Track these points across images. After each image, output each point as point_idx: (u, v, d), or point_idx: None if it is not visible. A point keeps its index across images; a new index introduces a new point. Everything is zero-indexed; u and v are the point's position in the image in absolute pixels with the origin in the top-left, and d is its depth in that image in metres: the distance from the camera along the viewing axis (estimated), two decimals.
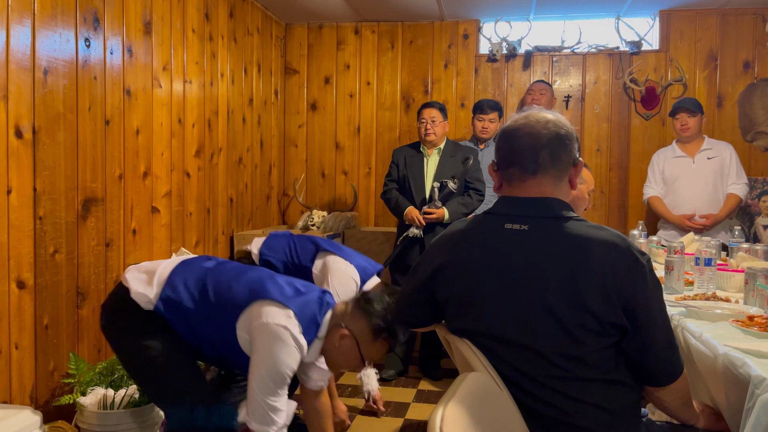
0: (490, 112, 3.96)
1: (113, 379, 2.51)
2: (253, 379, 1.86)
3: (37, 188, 2.36)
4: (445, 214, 3.62)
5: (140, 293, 2.00)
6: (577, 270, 1.32)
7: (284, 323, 1.86)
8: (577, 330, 1.31)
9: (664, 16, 4.55)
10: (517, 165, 1.42)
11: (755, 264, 2.48)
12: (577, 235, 1.35)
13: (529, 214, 1.40)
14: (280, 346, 1.84)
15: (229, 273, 2.06)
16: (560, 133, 1.41)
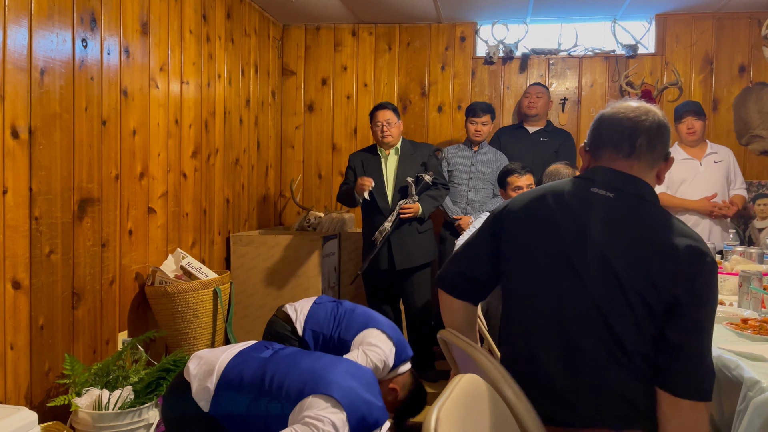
0: (482, 115, 3.97)
1: (108, 380, 2.51)
2: None
3: (33, 188, 2.35)
4: (419, 209, 3.62)
5: (198, 392, 2.00)
6: (652, 250, 1.33)
7: (332, 417, 1.78)
8: (635, 300, 1.33)
9: (660, 20, 4.57)
10: (611, 146, 1.45)
11: (749, 267, 2.49)
12: (660, 221, 1.38)
13: (617, 186, 1.43)
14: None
15: (285, 363, 2.00)
16: (660, 123, 1.45)
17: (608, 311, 1.34)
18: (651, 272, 1.31)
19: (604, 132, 1.48)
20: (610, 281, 1.34)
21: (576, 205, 1.44)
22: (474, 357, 1.40)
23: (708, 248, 1.35)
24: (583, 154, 1.55)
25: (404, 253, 3.66)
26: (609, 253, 1.35)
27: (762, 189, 4.32)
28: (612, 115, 1.47)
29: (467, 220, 3.90)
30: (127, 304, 3.00)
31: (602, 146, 1.47)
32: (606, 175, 1.44)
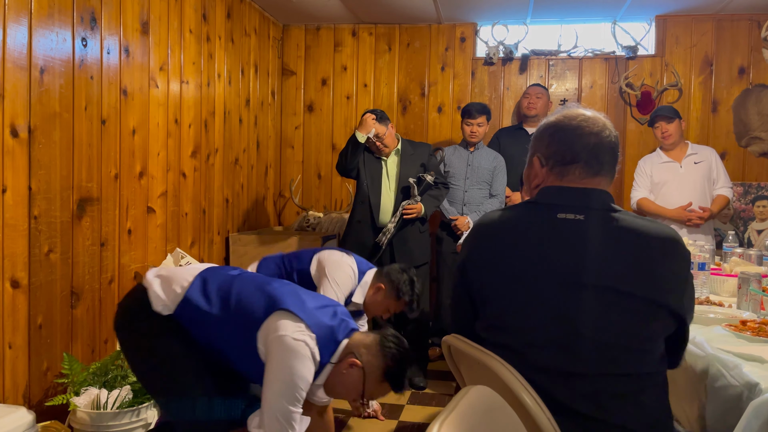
0: (478, 116, 3.98)
1: (107, 379, 2.51)
2: (268, 391, 1.83)
3: (32, 187, 2.35)
4: (422, 209, 3.64)
5: (160, 297, 1.99)
6: (637, 263, 1.32)
7: (301, 338, 1.83)
8: (633, 319, 1.31)
9: (660, 22, 4.57)
10: (579, 163, 1.40)
11: (748, 269, 2.49)
12: (633, 228, 1.35)
13: (585, 205, 1.38)
14: (296, 360, 1.81)
15: (253, 282, 2.03)
16: (617, 136, 1.44)
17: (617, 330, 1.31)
18: (642, 270, 1.32)
19: (569, 149, 1.40)
20: (610, 299, 1.31)
21: (548, 237, 1.37)
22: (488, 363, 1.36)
23: (679, 235, 1.39)
24: (539, 168, 1.45)
25: (406, 253, 3.66)
26: (598, 275, 1.32)
27: (761, 191, 4.32)
28: (574, 129, 1.41)
29: (464, 221, 3.91)
30: None
31: (570, 163, 1.40)
32: (574, 197, 1.39)
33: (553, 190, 1.42)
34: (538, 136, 1.48)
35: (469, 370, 1.53)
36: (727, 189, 3.90)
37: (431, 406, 3.43)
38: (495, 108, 4.78)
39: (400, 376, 1.94)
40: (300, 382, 1.82)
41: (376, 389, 1.96)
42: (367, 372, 1.91)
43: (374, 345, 1.93)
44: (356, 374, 1.91)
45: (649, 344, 1.34)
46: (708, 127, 4.53)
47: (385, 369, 1.92)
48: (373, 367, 1.91)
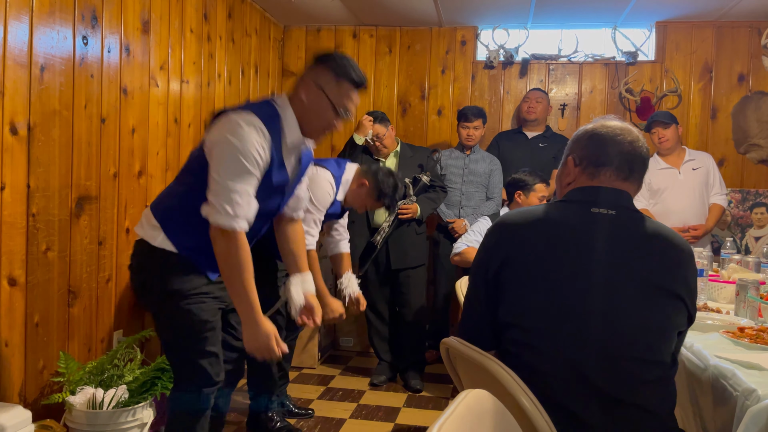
0: (474, 119, 3.99)
1: (103, 378, 2.50)
2: (211, 176, 1.76)
3: (30, 185, 2.35)
4: (418, 210, 3.64)
5: (148, 230, 1.94)
6: (663, 260, 1.44)
7: (224, 117, 1.81)
8: (662, 309, 1.41)
9: (661, 28, 4.58)
10: (611, 166, 1.49)
11: (746, 275, 2.50)
12: (659, 231, 1.48)
13: (615, 202, 1.48)
14: (236, 129, 1.75)
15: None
16: (648, 150, 1.56)
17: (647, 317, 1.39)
18: (671, 267, 1.44)
19: (604, 152, 1.50)
20: (645, 288, 1.41)
21: (582, 228, 1.46)
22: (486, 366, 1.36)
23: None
24: (572, 168, 1.55)
25: (401, 253, 3.67)
26: (630, 266, 1.42)
27: (759, 198, 4.33)
28: (611, 136, 1.51)
29: (461, 223, 3.91)
30: (123, 303, 2.99)
31: (602, 166, 1.50)
32: (608, 195, 1.48)
33: (584, 190, 1.51)
34: (575, 138, 1.58)
35: (467, 373, 1.53)
36: (721, 197, 3.92)
37: (428, 409, 3.43)
38: (495, 112, 4.79)
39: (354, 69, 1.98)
40: (244, 150, 1.74)
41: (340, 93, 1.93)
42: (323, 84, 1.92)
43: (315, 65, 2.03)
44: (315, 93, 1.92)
45: (671, 335, 1.44)
46: (707, 133, 4.54)
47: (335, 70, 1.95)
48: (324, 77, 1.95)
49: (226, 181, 1.74)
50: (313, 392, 3.59)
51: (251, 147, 1.76)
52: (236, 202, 1.75)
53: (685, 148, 3.98)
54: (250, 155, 1.76)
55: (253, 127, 1.78)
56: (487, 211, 3.98)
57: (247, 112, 1.82)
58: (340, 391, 3.63)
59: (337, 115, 1.94)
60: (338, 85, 1.93)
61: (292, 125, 1.92)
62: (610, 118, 1.57)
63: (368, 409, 3.37)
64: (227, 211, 1.74)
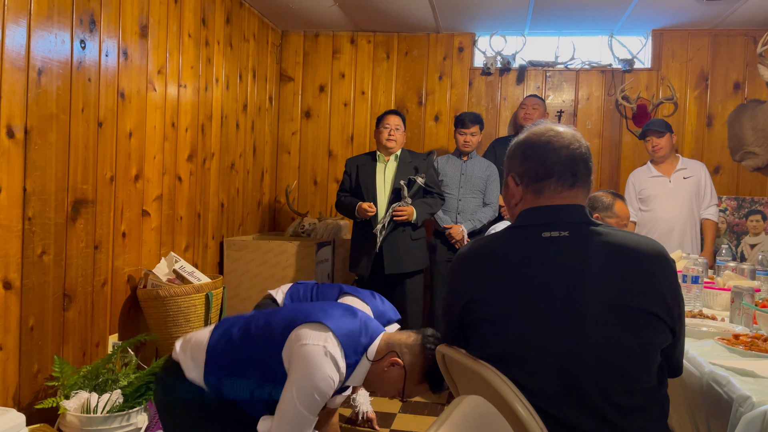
0: (471, 125, 4.00)
1: (97, 383, 2.49)
2: (284, 401, 1.80)
3: (27, 188, 2.34)
4: (413, 214, 3.62)
5: (190, 367, 1.97)
6: (631, 275, 1.32)
7: (323, 343, 1.81)
8: (632, 331, 1.31)
9: (657, 35, 4.61)
10: (553, 177, 1.40)
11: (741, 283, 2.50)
12: (622, 242, 1.35)
13: (567, 220, 1.38)
14: (317, 369, 1.78)
15: (266, 313, 2.02)
16: (588, 147, 1.45)
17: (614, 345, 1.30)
18: (639, 282, 1.32)
19: (542, 163, 1.40)
20: (608, 313, 1.30)
21: (534, 258, 1.36)
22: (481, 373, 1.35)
23: (664, 248, 1.40)
24: (514, 188, 1.45)
25: (395, 258, 3.66)
26: (593, 289, 1.31)
27: (755, 205, 4.35)
28: (544, 143, 1.41)
29: (458, 229, 3.91)
30: (118, 307, 2.99)
31: (544, 179, 1.40)
32: (554, 214, 1.39)
33: (532, 211, 1.42)
34: (510, 155, 1.48)
35: (463, 379, 1.53)
36: (713, 209, 3.96)
37: (423, 415, 3.42)
38: (492, 118, 4.80)
39: (441, 377, 1.90)
40: (317, 392, 1.79)
41: (415, 389, 1.95)
42: (409, 371, 1.90)
43: (416, 345, 1.92)
44: (397, 373, 1.91)
45: (650, 357, 1.33)
46: (702, 141, 4.56)
47: (426, 369, 1.90)
48: (415, 366, 1.91)
49: (303, 417, 1.78)
50: None
51: (330, 390, 1.81)
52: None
53: (679, 157, 4.00)
54: (326, 397, 1.82)
55: (338, 373, 1.83)
56: (484, 216, 3.99)
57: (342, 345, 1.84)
58: None
59: (400, 396, 1.98)
60: (419, 383, 1.95)
61: (359, 376, 1.95)
62: (540, 123, 1.47)
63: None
64: None
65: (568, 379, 1.30)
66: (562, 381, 1.31)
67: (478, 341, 1.43)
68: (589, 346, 1.30)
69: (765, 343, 1.78)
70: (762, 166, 4.42)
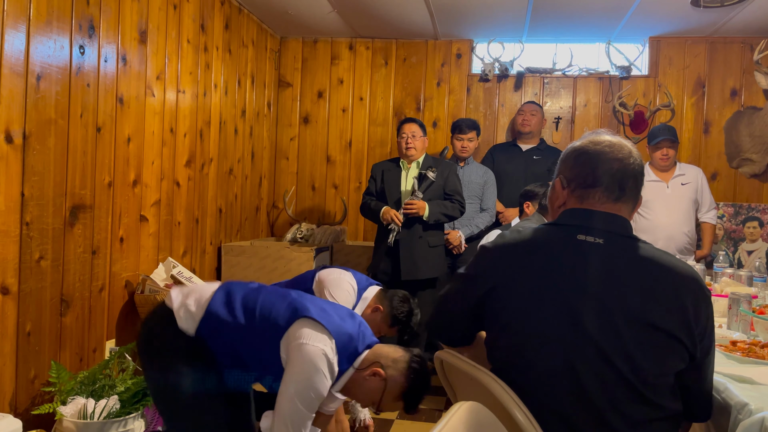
0: (468, 131, 4.01)
1: (94, 388, 2.48)
2: (283, 394, 1.84)
3: (25, 194, 2.34)
4: (426, 209, 3.58)
5: (184, 313, 1.97)
6: (656, 293, 1.32)
7: (321, 346, 1.84)
8: (647, 349, 1.30)
9: (654, 43, 4.63)
10: (601, 187, 1.40)
11: (739, 289, 2.51)
12: (655, 259, 1.35)
13: (604, 228, 1.38)
14: (315, 370, 1.82)
15: (273, 293, 2.04)
16: (642, 165, 1.45)
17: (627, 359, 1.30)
18: (665, 301, 1.31)
19: (591, 172, 1.41)
20: (623, 327, 1.30)
21: (565, 258, 1.37)
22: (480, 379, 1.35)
23: (699, 274, 1.39)
24: (560, 190, 1.46)
25: (411, 264, 3.63)
26: (613, 302, 1.31)
27: (752, 212, 4.36)
28: (598, 153, 1.41)
29: (455, 234, 3.91)
30: (115, 312, 2.98)
31: (591, 187, 1.40)
32: (593, 220, 1.39)
33: (574, 212, 1.42)
34: (563, 158, 1.49)
35: (461, 385, 1.53)
36: (712, 213, 3.98)
37: (421, 422, 3.41)
38: (489, 124, 4.81)
39: (417, 398, 1.95)
40: (314, 392, 1.83)
41: (391, 404, 1.96)
42: (389, 385, 1.92)
43: (402, 362, 1.94)
44: (377, 384, 1.92)
45: (664, 377, 1.33)
46: (700, 147, 4.57)
47: (405, 388, 1.92)
48: (395, 382, 1.92)
49: (300, 410, 1.82)
50: None
51: (324, 389, 1.85)
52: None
53: (677, 162, 4.02)
54: (318, 394, 1.85)
55: (331, 375, 1.87)
56: (482, 222, 3.99)
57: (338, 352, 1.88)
58: None
59: (374, 407, 1.99)
60: (396, 400, 1.95)
61: (340, 384, 1.97)
62: (600, 132, 1.47)
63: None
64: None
65: (578, 383, 1.31)
66: (572, 384, 1.32)
67: (494, 330, 1.45)
68: (602, 355, 1.30)
69: (762, 350, 1.79)
70: (759, 172, 4.44)
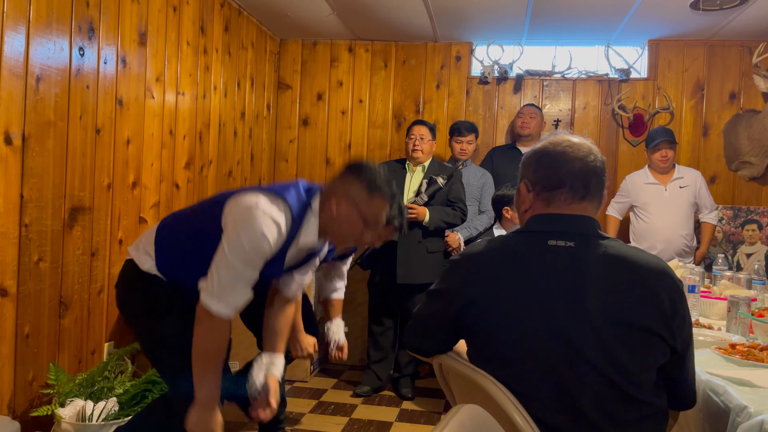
0: (467, 134, 4.02)
1: (93, 390, 2.48)
2: (217, 254, 1.79)
3: (24, 195, 2.34)
4: (426, 215, 3.58)
5: (143, 260, 2.00)
6: (632, 291, 1.32)
7: (254, 199, 1.80)
8: (628, 347, 1.31)
9: (653, 46, 4.64)
10: (565, 188, 1.40)
11: (738, 292, 2.51)
12: (626, 257, 1.35)
13: (575, 231, 1.38)
14: (246, 221, 1.76)
15: (203, 204, 2.07)
16: (603, 161, 1.45)
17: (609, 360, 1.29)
18: (639, 298, 1.32)
19: (555, 173, 1.41)
20: (607, 327, 1.30)
21: (539, 265, 1.36)
22: (479, 382, 1.35)
23: (669, 267, 1.40)
24: (525, 194, 1.46)
25: (407, 268, 3.64)
26: (589, 304, 1.31)
27: (750, 215, 4.36)
28: (560, 154, 1.41)
29: (454, 237, 3.91)
30: (114, 314, 2.98)
31: (556, 188, 1.41)
32: (562, 223, 1.39)
33: (542, 218, 1.42)
34: (525, 162, 1.49)
35: (460, 388, 1.53)
36: (713, 214, 3.99)
37: (420, 424, 3.41)
38: (489, 127, 4.82)
39: (385, 183, 1.90)
40: (249, 243, 1.76)
41: (372, 207, 1.89)
42: (355, 197, 1.87)
43: (343, 174, 1.93)
44: (346, 207, 1.88)
45: (647, 374, 1.34)
46: (699, 150, 4.58)
47: (368, 184, 1.88)
48: (356, 189, 1.87)
49: (233, 268, 1.76)
50: (305, 406, 3.57)
51: (265, 244, 1.77)
52: (233, 291, 1.78)
53: (675, 165, 4.02)
54: (262, 251, 1.78)
55: (275, 225, 1.79)
56: (480, 224, 3.99)
57: (276, 202, 1.83)
58: (332, 405, 3.61)
59: (367, 227, 1.92)
60: (370, 199, 1.89)
61: (311, 232, 1.92)
62: (560, 133, 1.47)
63: (360, 424, 3.35)
64: (222, 297, 1.77)
65: (563, 388, 1.31)
66: (557, 390, 1.31)
67: (475, 343, 1.43)
68: (585, 358, 1.30)
69: (761, 353, 1.79)
70: (758, 175, 4.44)
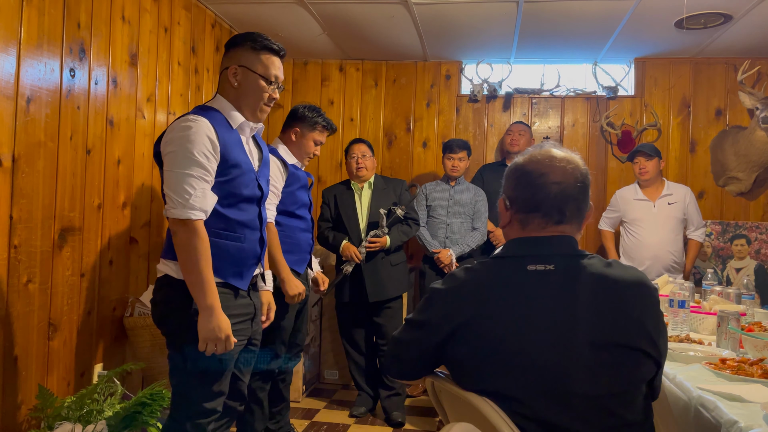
0: (459, 151, 4.05)
1: (82, 413, 2.45)
2: (164, 166, 1.88)
3: (13, 216, 2.33)
4: (387, 241, 3.65)
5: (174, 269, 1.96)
6: (615, 312, 1.30)
7: (179, 117, 1.92)
8: (616, 367, 1.29)
9: (639, 64, 4.70)
10: (539, 212, 1.38)
11: (727, 307, 2.52)
12: (607, 276, 1.33)
13: (553, 253, 1.36)
14: (182, 125, 1.86)
15: None
16: (585, 183, 1.41)
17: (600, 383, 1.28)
18: (622, 316, 1.30)
19: (531, 197, 1.39)
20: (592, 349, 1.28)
21: (519, 292, 1.34)
22: (471, 400, 1.34)
23: (646, 277, 1.39)
24: (504, 211, 1.45)
25: (377, 285, 3.67)
26: (573, 327, 1.29)
27: (739, 230, 4.40)
28: (538, 177, 1.38)
29: (446, 253, 3.92)
30: (104, 336, 2.95)
31: (531, 212, 1.39)
32: (536, 246, 1.38)
33: (519, 242, 1.41)
34: (507, 175, 1.47)
35: (453, 406, 1.52)
36: (700, 231, 4.02)
37: None
38: (479, 144, 4.85)
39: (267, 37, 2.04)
40: (179, 142, 1.84)
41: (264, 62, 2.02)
42: (244, 62, 2.01)
43: (229, 49, 2.10)
44: (241, 74, 2.00)
45: (636, 392, 1.33)
46: (686, 166, 4.62)
47: (251, 45, 2.01)
48: (244, 54, 2.02)
49: (178, 173, 1.83)
50: (298, 426, 3.54)
51: (199, 137, 1.84)
52: (189, 192, 1.82)
53: (665, 181, 4.05)
54: (199, 144, 1.85)
55: (197, 122, 1.87)
56: (473, 241, 4.00)
57: (188, 113, 1.94)
58: (325, 425, 3.58)
59: (269, 85, 2.03)
60: (260, 58, 2.02)
61: (230, 111, 2.01)
62: (545, 145, 1.44)
63: None
64: (180, 201, 1.81)
65: (552, 414, 1.29)
66: (546, 416, 1.29)
67: (459, 371, 1.41)
68: (573, 383, 1.28)
69: (751, 368, 1.79)
70: (745, 190, 4.49)
